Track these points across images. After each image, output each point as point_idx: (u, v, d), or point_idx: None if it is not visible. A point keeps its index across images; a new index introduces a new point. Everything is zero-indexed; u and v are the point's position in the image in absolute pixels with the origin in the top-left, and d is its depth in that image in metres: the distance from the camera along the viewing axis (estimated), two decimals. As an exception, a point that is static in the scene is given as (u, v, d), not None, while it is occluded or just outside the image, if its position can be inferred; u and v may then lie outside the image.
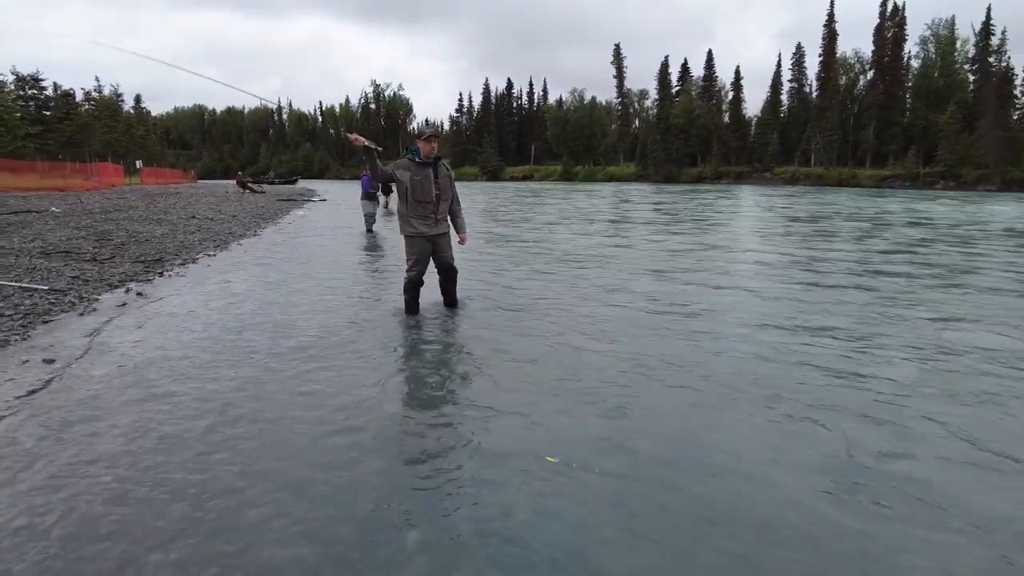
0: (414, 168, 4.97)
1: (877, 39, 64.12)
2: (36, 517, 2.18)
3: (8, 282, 6.12)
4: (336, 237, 12.29)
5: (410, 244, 5.09)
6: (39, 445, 2.74)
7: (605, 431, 2.93)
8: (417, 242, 5.07)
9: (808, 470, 2.55)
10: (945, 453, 2.72)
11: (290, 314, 5.29)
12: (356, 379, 3.64)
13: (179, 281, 6.95)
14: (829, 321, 5.04)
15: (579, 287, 6.55)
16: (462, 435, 2.90)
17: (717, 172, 70.22)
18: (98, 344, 4.33)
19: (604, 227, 14.46)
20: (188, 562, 1.94)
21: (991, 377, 3.69)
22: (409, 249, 5.09)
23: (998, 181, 50.04)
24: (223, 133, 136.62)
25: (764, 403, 3.28)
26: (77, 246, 9.06)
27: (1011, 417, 3.10)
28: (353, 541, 2.06)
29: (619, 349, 4.26)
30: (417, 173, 4.96)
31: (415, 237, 5.07)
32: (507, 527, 2.15)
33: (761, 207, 24.28)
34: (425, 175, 4.98)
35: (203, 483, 2.42)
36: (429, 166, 5.01)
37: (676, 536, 2.10)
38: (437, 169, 5.06)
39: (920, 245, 10.83)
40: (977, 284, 6.97)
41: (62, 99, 52.50)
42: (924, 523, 2.18)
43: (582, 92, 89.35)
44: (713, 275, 7.40)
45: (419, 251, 5.08)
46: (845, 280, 7.05)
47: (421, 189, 4.96)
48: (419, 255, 5.08)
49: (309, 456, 2.66)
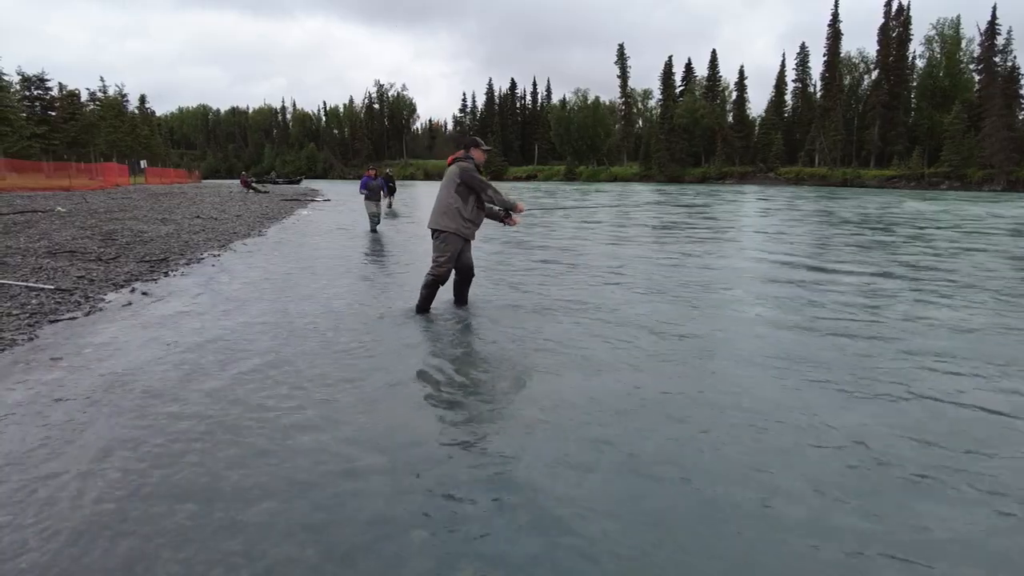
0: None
1: (881, 39, 63.93)
2: (43, 514, 2.20)
3: (15, 282, 6.15)
4: (341, 237, 12.32)
5: (448, 241, 5.16)
6: (47, 443, 2.76)
7: (615, 435, 2.93)
8: (457, 240, 5.18)
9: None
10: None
11: (296, 313, 5.31)
12: (363, 378, 3.65)
13: (184, 281, 6.97)
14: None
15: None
16: (469, 436, 2.91)
17: (721, 172, 70.17)
18: (104, 343, 4.36)
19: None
20: (195, 560, 1.95)
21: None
22: (445, 246, 5.17)
23: (1003, 181, 49.83)
24: (227, 133, 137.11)
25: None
26: (82, 246, 9.11)
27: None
28: (358, 540, 2.07)
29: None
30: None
31: (456, 235, 5.16)
32: (509, 528, 2.15)
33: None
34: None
35: (209, 482, 2.43)
36: (481, 175, 5.23)
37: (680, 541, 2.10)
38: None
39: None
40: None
41: (67, 99, 52.76)
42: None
43: (586, 92, 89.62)
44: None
45: (454, 249, 5.19)
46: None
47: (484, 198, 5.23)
48: (453, 253, 5.19)
49: (315, 455, 2.67)
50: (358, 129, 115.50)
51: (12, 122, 40.74)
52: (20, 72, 47.32)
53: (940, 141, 55.94)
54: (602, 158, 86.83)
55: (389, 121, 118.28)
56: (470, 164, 5.13)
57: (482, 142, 5.33)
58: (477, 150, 5.22)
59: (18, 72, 47.26)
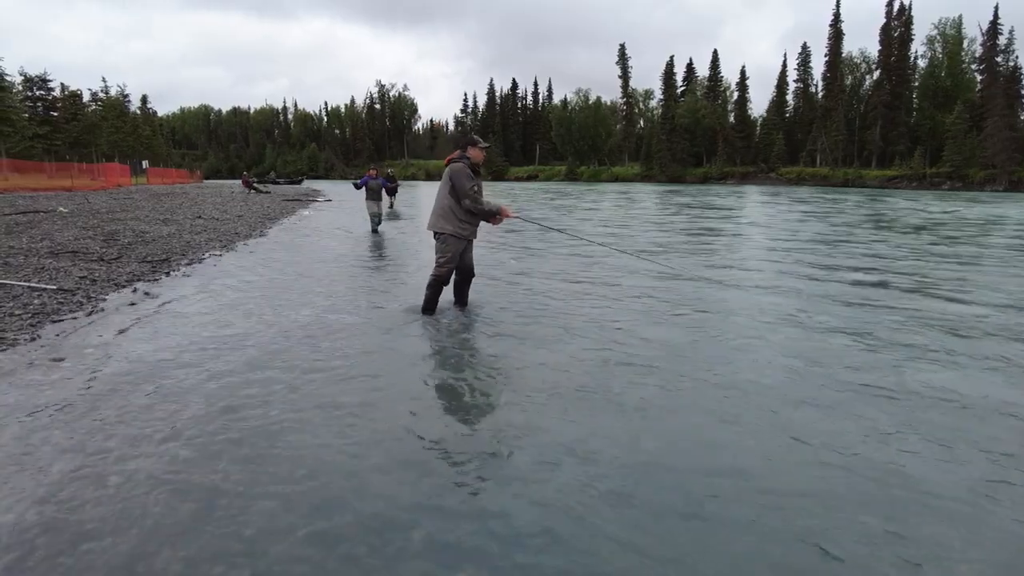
0: (473, 176, 5.12)
1: (883, 39, 63.89)
2: (46, 513, 2.21)
3: (17, 282, 6.17)
4: (342, 238, 12.33)
5: (449, 242, 5.16)
6: (49, 442, 2.77)
7: (619, 435, 2.94)
8: (457, 242, 5.17)
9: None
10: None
11: (298, 313, 5.32)
12: (366, 378, 3.66)
13: (186, 281, 6.99)
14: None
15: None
16: (471, 436, 2.92)
17: (722, 172, 70.12)
18: (106, 343, 4.37)
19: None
20: (197, 559, 1.96)
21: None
22: (446, 247, 5.17)
23: (1005, 181, 49.75)
24: (229, 133, 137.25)
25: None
26: (85, 246, 9.13)
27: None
28: (359, 539, 2.08)
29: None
30: (475, 183, 5.12)
31: (456, 237, 5.16)
32: (511, 529, 2.16)
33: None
34: (478, 182, 5.16)
35: (211, 481, 2.44)
36: (477, 173, 5.18)
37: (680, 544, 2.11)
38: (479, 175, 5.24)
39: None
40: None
41: (69, 100, 52.84)
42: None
43: (587, 92, 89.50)
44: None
45: (455, 250, 5.18)
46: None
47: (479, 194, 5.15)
48: (454, 254, 5.19)
49: (316, 454, 2.68)
50: (359, 129, 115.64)
51: (14, 122, 40.83)
52: (22, 72, 47.44)
53: (942, 141, 55.87)
54: (603, 158, 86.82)
55: (390, 121, 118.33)
56: (463, 165, 5.09)
57: (480, 140, 5.27)
58: (474, 148, 5.17)
59: (20, 72, 47.38)
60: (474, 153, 5.15)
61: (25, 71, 47.76)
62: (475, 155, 5.15)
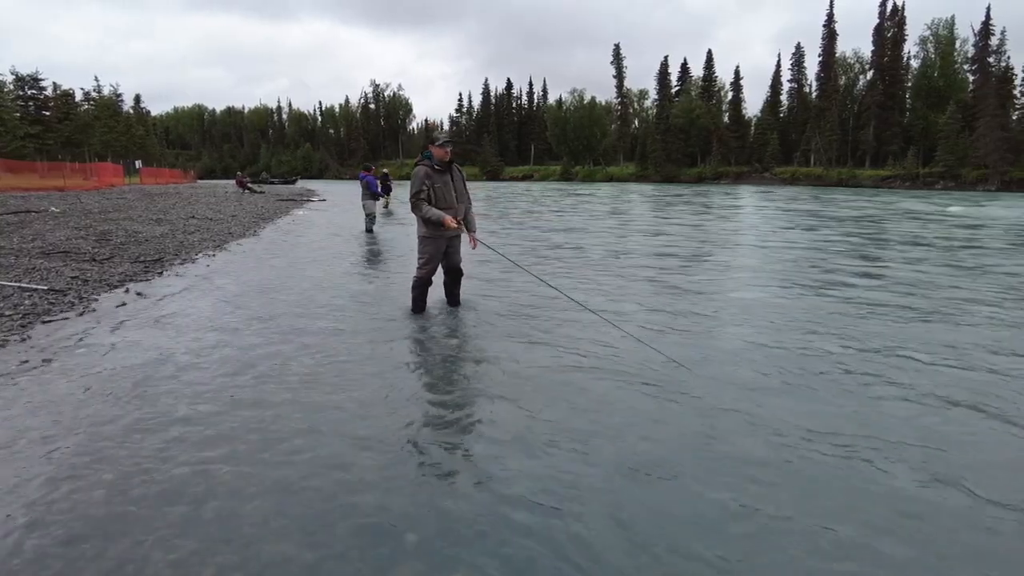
0: (434, 175, 5.01)
1: (876, 39, 64.09)
2: (35, 515, 2.19)
3: (8, 282, 6.12)
4: (337, 238, 12.29)
5: (426, 244, 5.14)
6: (38, 444, 2.75)
7: (605, 433, 2.93)
8: (432, 242, 5.13)
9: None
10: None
11: (291, 314, 5.30)
12: (358, 380, 3.65)
13: (178, 281, 6.95)
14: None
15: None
16: (464, 437, 2.91)
17: (717, 172, 70.23)
18: (97, 344, 4.34)
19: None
20: (187, 561, 1.95)
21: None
22: (423, 248, 5.15)
23: (997, 181, 50.04)
24: (223, 133, 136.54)
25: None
26: (76, 246, 9.07)
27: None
28: (351, 542, 2.07)
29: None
30: (437, 180, 5.02)
31: (430, 238, 5.12)
32: (506, 528, 2.16)
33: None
34: (444, 181, 5.05)
35: (202, 483, 2.43)
36: (446, 171, 5.08)
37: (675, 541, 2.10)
38: (452, 173, 5.12)
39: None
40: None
41: (61, 99, 52.55)
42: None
43: (582, 92, 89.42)
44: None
45: (433, 251, 5.15)
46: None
47: (442, 195, 5.03)
48: (432, 254, 5.15)
49: (308, 455, 2.66)
50: (354, 129, 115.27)
51: (5, 122, 40.59)
52: (13, 71, 47.15)
53: (935, 141, 56.10)
54: (598, 158, 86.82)
55: (385, 121, 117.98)
56: (421, 167, 5.02)
57: (439, 137, 5.08)
58: (434, 147, 5.04)
59: (11, 71, 47.09)
60: (436, 151, 5.02)
61: (16, 70, 47.51)
62: (438, 153, 5.02)
